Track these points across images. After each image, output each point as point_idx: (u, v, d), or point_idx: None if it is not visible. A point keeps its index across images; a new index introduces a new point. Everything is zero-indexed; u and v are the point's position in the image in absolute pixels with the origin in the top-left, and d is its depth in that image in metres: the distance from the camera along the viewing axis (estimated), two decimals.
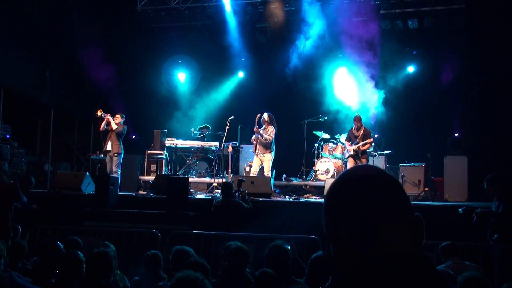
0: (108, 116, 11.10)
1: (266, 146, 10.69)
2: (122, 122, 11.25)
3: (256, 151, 10.75)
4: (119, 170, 11.07)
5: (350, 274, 1.05)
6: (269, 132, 10.67)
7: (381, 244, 1.05)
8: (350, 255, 1.07)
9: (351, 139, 11.10)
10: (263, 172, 10.70)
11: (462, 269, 4.88)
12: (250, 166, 11.37)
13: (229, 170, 11.53)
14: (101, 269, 4.19)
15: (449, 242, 5.54)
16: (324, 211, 1.16)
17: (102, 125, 11.12)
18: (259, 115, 10.85)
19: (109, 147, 11.05)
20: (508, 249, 6.16)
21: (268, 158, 10.68)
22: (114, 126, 11.02)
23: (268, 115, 10.84)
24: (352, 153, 10.89)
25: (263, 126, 10.83)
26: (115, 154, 11.01)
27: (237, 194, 8.13)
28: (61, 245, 5.71)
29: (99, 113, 11.19)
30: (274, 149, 10.78)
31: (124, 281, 4.79)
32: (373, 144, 11.20)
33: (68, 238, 5.68)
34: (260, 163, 10.76)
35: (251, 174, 10.75)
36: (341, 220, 1.10)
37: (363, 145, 10.77)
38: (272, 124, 10.78)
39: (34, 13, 11.86)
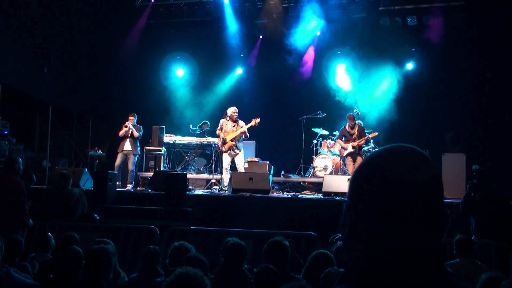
0: (131, 126, 11.22)
1: (241, 142, 10.75)
2: (135, 122, 11.37)
3: (229, 149, 10.65)
4: (135, 169, 11.31)
5: (359, 264, 1.03)
6: (245, 127, 10.71)
7: (395, 238, 1.02)
8: (363, 244, 1.05)
9: (345, 137, 11.12)
10: (236, 168, 10.72)
11: (473, 270, 4.80)
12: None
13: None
14: (100, 266, 4.19)
15: (465, 236, 5.25)
16: (348, 192, 1.10)
17: (122, 132, 11.25)
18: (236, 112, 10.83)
19: (127, 147, 11.21)
20: (505, 247, 6.17)
21: (242, 153, 10.80)
22: (136, 134, 11.22)
23: (236, 109, 10.87)
24: (351, 150, 10.90)
25: (232, 123, 10.79)
26: (133, 154, 11.21)
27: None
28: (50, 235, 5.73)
29: (125, 128, 11.24)
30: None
31: (122, 278, 4.78)
32: (371, 140, 11.21)
33: (64, 233, 5.67)
34: (231, 159, 10.74)
35: (224, 169, 10.73)
36: (362, 208, 1.06)
37: (360, 141, 10.85)
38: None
39: (33, 8, 11.82)
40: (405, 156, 1.06)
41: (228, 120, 10.78)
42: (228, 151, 10.68)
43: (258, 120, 10.69)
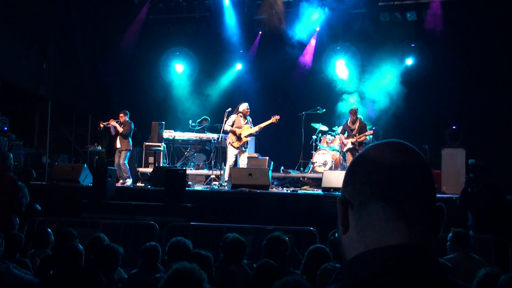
0: (113, 123, 11.23)
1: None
2: (128, 119, 11.32)
3: (241, 146, 10.48)
4: (126, 163, 11.23)
5: (354, 262, 1.02)
6: (264, 123, 10.57)
7: (389, 234, 1.00)
8: (356, 240, 1.04)
9: (346, 132, 11.12)
10: (240, 164, 10.57)
11: (469, 264, 4.79)
12: (248, 158, 11.32)
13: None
14: (109, 263, 4.19)
15: (461, 230, 5.22)
16: (342, 186, 1.10)
17: (112, 130, 11.30)
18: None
19: (118, 144, 11.23)
20: (504, 242, 6.18)
21: (246, 150, 10.69)
22: (120, 130, 11.19)
23: (248, 105, 10.73)
24: (350, 146, 10.90)
25: (246, 118, 10.67)
26: (124, 151, 11.17)
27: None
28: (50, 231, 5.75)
29: (101, 125, 11.36)
30: None
31: (119, 273, 4.79)
32: (371, 136, 11.20)
33: (62, 230, 5.70)
34: (236, 156, 10.59)
35: (228, 165, 10.52)
36: (353, 200, 1.05)
37: (359, 137, 10.83)
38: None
39: (31, 4, 11.79)
40: (392, 146, 1.07)
41: (240, 116, 10.61)
42: (239, 148, 10.48)
43: (278, 117, 10.47)
